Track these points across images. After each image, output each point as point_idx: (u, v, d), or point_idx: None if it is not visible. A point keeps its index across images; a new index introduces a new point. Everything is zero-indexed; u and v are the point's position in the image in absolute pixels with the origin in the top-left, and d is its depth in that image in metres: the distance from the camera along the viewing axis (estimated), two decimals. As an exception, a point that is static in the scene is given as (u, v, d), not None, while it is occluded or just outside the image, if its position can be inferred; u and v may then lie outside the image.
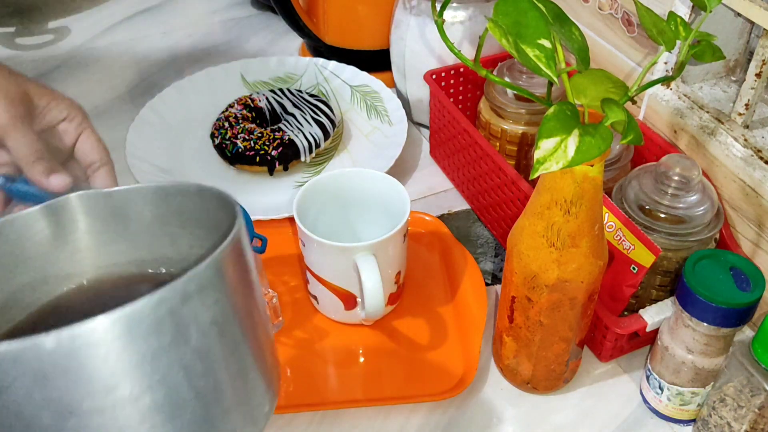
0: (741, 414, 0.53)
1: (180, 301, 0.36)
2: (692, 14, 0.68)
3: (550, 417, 0.62)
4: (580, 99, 0.48)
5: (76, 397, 0.34)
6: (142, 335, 0.35)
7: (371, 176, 0.68)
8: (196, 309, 0.36)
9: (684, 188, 0.62)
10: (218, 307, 0.38)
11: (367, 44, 0.95)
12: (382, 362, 0.66)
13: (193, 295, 0.36)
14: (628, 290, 0.62)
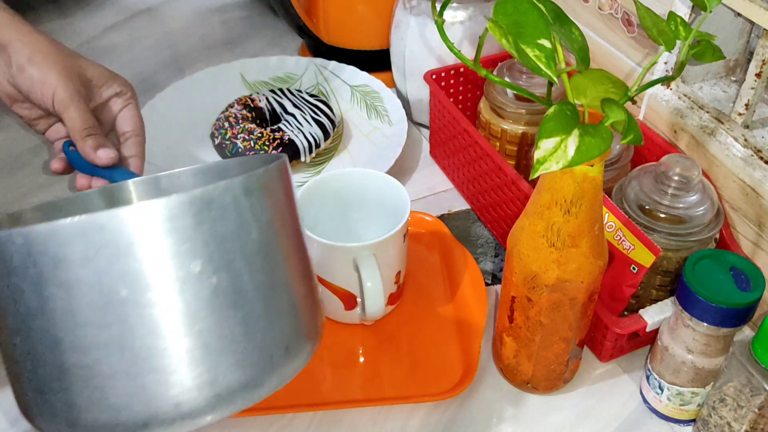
0: (741, 414, 0.53)
1: (242, 193, 0.39)
2: (692, 14, 0.68)
3: (550, 417, 0.62)
4: (580, 99, 0.48)
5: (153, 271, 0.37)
6: (211, 217, 0.38)
7: (371, 176, 0.68)
8: (256, 205, 0.40)
9: (684, 188, 0.62)
10: (274, 212, 0.42)
11: (367, 44, 0.95)
12: (382, 362, 0.66)
13: (253, 191, 0.40)
14: (628, 290, 0.62)
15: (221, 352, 0.39)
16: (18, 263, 0.37)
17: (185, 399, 0.39)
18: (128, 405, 0.38)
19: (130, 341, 0.38)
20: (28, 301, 0.38)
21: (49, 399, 0.39)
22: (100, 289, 0.37)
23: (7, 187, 0.83)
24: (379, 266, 0.60)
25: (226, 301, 0.39)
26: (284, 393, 0.62)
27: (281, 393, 0.62)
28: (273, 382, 0.42)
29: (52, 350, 0.38)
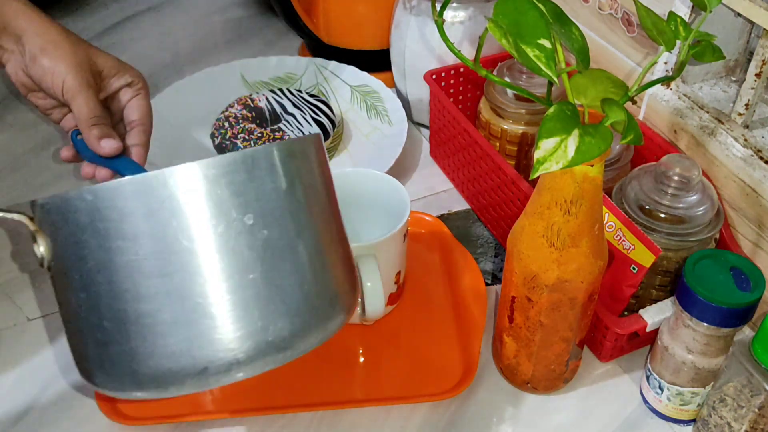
0: (741, 414, 0.53)
1: (287, 155, 0.43)
2: (692, 14, 0.68)
3: (550, 417, 0.62)
4: (580, 99, 0.48)
5: (211, 223, 0.40)
6: (261, 175, 0.42)
7: (371, 176, 0.68)
8: (299, 168, 0.44)
9: (684, 188, 0.62)
10: (315, 177, 0.45)
11: (367, 44, 0.95)
12: (382, 362, 0.66)
13: (296, 154, 0.44)
14: (628, 290, 0.62)
15: (272, 301, 0.42)
16: (86, 220, 0.41)
17: (240, 346, 0.41)
18: (188, 351, 0.41)
19: (190, 289, 0.40)
20: (96, 255, 0.41)
21: (112, 351, 0.41)
22: (163, 240, 0.40)
23: (7, 186, 0.83)
24: (379, 266, 0.60)
25: (276, 254, 0.42)
26: (284, 393, 0.63)
27: (281, 393, 0.63)
28: (319, 334, 0.44)
29: (117, 302, 0.41)
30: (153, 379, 0.41)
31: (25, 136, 0.90)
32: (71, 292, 0.43)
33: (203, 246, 0.40)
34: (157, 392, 0.42)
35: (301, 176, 0.44)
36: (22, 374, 0.65)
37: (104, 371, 0.43)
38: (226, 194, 0.41)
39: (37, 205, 0.43)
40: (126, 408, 0.61)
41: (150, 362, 0.41)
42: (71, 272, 0.42)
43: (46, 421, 0.61)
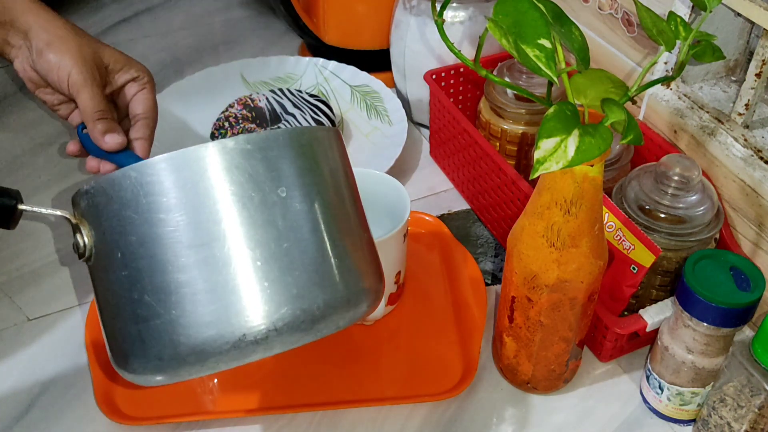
0: (741, 414, 0.53)
1: (311, 139, 0.47)
2: (692, 14, 0.68)
3: (550, 417, 0.62)
4: (580, 99, 0.48)
5: (248, 194, 0.43)
6: (293, 153, 0.45)
7: (371, 176, 0.68)
8: (326, 152, 0.47)
9: (684, 188, 0.62)
10: (340, 163, 0.48)
11: (367, 44, 0.95)
12: (382, 362, 0.66)
13: (322, 140, 0.47)
14: (628, 290, 0.62)
15: (306, 270, 0.44)
16: (130, 196, 0.43)
17: (277, 311, 0.43)
18: (226, 319, 0.42)
19: (227, 257, 0.42)
20: (139, 230, 0.43)
21: (153, 325, 0.43)
22: (202, 211, 0.42)
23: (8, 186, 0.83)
24: (379, 266, 0.60)
25: (309, 226, 0.44)
26: (284, 393, 0.63)
27: (281, 393, 0.63)
28: (350, 311, 0.46)
29: (158, 274, 0.43)
30: (193, 349, 0.43)
31: (25, 136, 0.90)
32: (112, 273, 0.44)
33: (240, 216, 0.43)
34: (198, 365, 0.43)
35: (327, 160, 0.47)
36: (22, 374, 0.65)
37: (143, 351, 0.44)
38: (260, 168, 0.44)
39: (81, 193, 0.46)
40: (126, 408, 0.61)
41: (190, 331, 0.42)
42: (114, 251, 0.44)
43: (46, 421, 0.61)
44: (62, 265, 0.74)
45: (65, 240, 0.77)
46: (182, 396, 0.63)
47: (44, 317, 0.70)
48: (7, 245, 0.77)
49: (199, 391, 0.63)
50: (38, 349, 0.67)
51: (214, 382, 0.64)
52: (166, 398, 0.62)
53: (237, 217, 0.43)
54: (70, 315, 0.70)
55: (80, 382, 0.64)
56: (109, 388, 0.62)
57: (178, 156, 0.43)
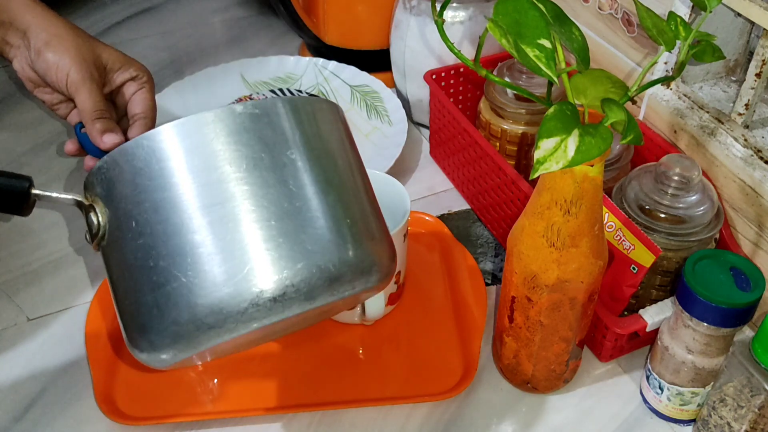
0: (741, 414, 0.53)
1: (316, 109, 0.48)
2: (692, 14, 0.68)
3: (550, 417, 0.62)
4: (580, 99, 0.48)
5: (258, 155, 0.44)
6: (300, 119, 0.46)
7: (371, 176, 0.67)
8: (330, 122, 0.49)
9: (684, 188, 0.62)
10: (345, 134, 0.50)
11: (367, 44, 0.95)
12: (382, 362, 0.66)
13: (327, 111, 0.49)
14: (628, 290, 0.62)
15: (320, 229, 0.45)
16: (143, 164, 0.44)
17: (293, 267, 0.43)
18: (243, 276, 0.43)
19: (241, 216, 0.43)
20: (152, 197, 0.44)
21: (170, 289, 0.43)
22: (215, 172, 0.44)
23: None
24: (379, 266, 0.60)
25: (320, 188, 0.46)
26: (284, 393, 0.63)
27: (281, 393, 0.63)
28: (363, 277, 0.46)
29: (173, 238, 0.43)
30: (211, 309, 0.43)
31: (25, 136, 0.90)
32: (126, 245, 0.45)
33: (251, 176, 0.44)
34: (216, 329, 0.43)
35: (333, 130, 0.49)
36: (22, 374, 0.65)
37: (160, 318, 0.44)
38: (269, 131, 0.45)
39: (93, 172, 0.47)
40: (126, 408, 0.61)
41: (206, 291, 0.43)
42: (128, 221, 0.45)
43: (46, 421, 0.61)
44: (62, 265, 0.74)
45: (65, 240, 0.77)
46: (182, 396, 0.63)
47: (44, 317, 0.70)
48: (7, 245, 0.77)
49: (200, 391, 0.63)
50: (38, 349, 0.67)
51: (214, 382, 0.64)
52: (166, 398, 0.62)
53: (249, 177, 0.44)
54: (70, 315, 0.70)
55: (80, 382, 0.64)
56: (109, 388, 0.62)
57: (188, 121, 0.44)
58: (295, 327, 0.53)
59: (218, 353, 0.50)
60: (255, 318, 0.43)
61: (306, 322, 0.54)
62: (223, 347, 0.47)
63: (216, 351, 0.48)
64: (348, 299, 0.48)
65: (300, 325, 0.54)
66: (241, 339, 0.46)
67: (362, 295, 0.50)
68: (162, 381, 0.64)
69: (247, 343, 0.51)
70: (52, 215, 0.80)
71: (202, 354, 0.47)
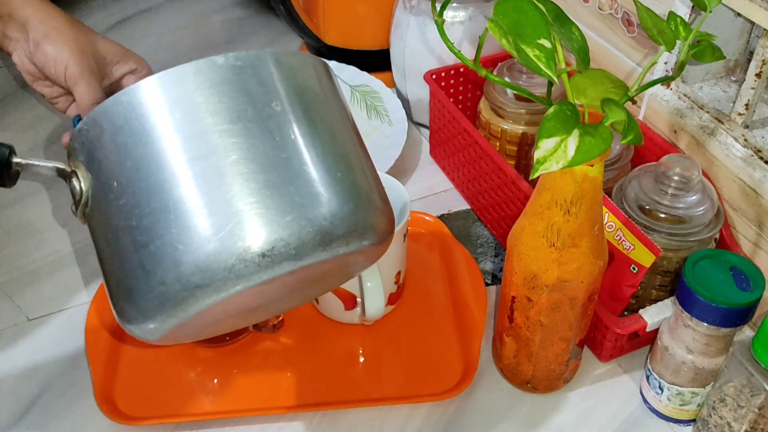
0: (741, 414, 0.53)
1: (302, 63, 0.47)
2: (692, 14, 0.68)
3: (550, 417, 0.62)
4: (580, 99, 0.48)
5: (242, 106, 0.43)
6: (284, 73, 0.45)
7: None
8: (318, 77, 0.48)
9: (684, 188, 0.62)
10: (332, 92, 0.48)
11: (367, 44, 0.95)
12: (382, 362, 0.66)
13: (313, 66, 0.48)
14: (628, 290, 0.62)
15: (309, 182, 0.43)
16: (123, 121, 0.43)
17: (281, 220, 0.42)
18: (230, 231, 0.41)
19: (225, 168, 0.42)
20: (134, 154, 0.42)
21: (154, 247, 0.42)
22: (197, 125, 0.42)
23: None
24: (379, 266, 0.60)
25: (307, 140, 0.44)
26: (284, 393, 0.63)
27: (281, 393, 0.63)
28: (356, 235, 0.44)
29: (156, 194, 0.42)
30: (197, 266, 0.41)
31: (25, 136, 0.90)
32: (109, 207, 0.44)
33: (235, 127, 0.42)
34: (203, 288, 0.42)
35: (321, 85, 0.47)
36: (22, 374, 0.65)
37: (146, 279, 0.42)
38: (252, 83, 0.44)
39: (74, 136, 0.45)
40: (126, 408, 0.61)
41: (192, 247, 0.41)
42: (109, 183, 0.43)
43: (46, 421, 0.61)
44: (62, 265, 0.74)
45: (65, 240, 0.77)
46: (182, 396, 0.63)
47: (44, 317, 0.70)
48: (7, 245, 0.77)
49: (199, 391, 0.63)
50: (38, 349, 0.67)
51: (214, 382, 0.64)
52: (166, 398, 0.62)
53: (232, 129, 0.42)
54: (70, 315, 0.70)
55: (80, 382, 0.64)
56: (109, 388, 0.62)
57: (168, 74, 0.43)
58: (289, 300, 0.51)
59: (212, 326, 0.48)
60: (243, 275, 0.41)
61: (301, 295, 0.52)
62: (214, 315, 0.45)
63: (208, 320, 0.45)
64: (342, 264, 0.46)
65: (295, 299, 0.52)
66: (231, 304, 0.44)
67: (357, 259, 0.48)
68: (162, 381, 0.64)
69: (240, 315, 0.49)
70: (53, 215, 0.80)
71: (195, 325, 0.45)
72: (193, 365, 0.65)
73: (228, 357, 0.65)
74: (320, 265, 0.44)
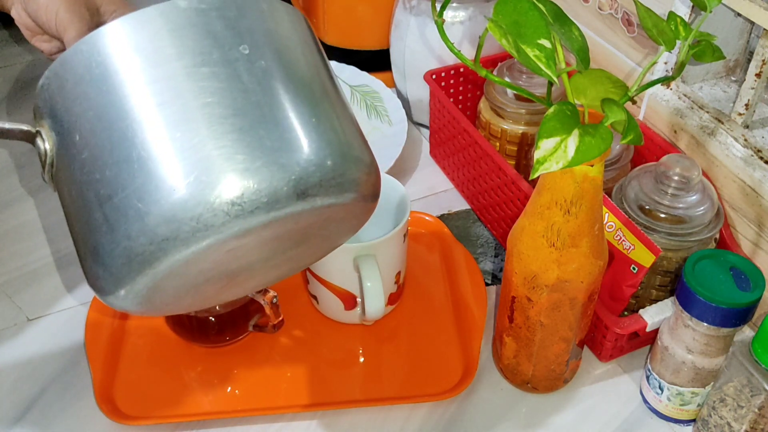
0: (741, 414, 0.53)
1: (273, 8, 0.44)
2: (692, 14, 0.68)
3: (550, 417, 0.62)
4: (580, 99, 0.48)
5: (207, 48, 0.41)
6: (252, 15, 0.43)
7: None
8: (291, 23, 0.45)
9: (684, 188, 0.62)
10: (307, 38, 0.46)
11: (367, 44, 0.95)
12: (382, 362, 0.66)
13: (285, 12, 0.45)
14: (628, 290, 0.62)
15: (280, 126, 0.41)
16: (84, 70, 0.41)
17: (251, 165, 0.39)
18: (197, 176, 0.39)
19: (192, 112, 0.40)
20: (95, 103, 0.41)
21: (117, 201, 0.40)
22: (160, 68, 0.40)
23: (7, 187, 0.83)
24: (379, 266, 0.60)
25: (279, 84, 0.42)
26: (284, 393, 0.63)
27: (281, 393, 0.63)
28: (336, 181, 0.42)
29: (118, 144, 0.40)
30: (163, 217, 0.39)
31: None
32: (73, 163, 0.42)
33: (199, 71, 0.40)
34: (172, 240, 0.39)
35: (294, 32, 0.45)
36: (22, 374, 0.65)
37: (111, 235, 0.40)
38: (218, 26, 0.42)
39: (36, 93, 0.44)
40: (126, 408, 0.61)
41: (157, 196, 0.39)
42: (72, 137, 0.42)
43: (46, 421, 0.61)
44: (62, 266, 0.74)
45: (65, 240, 0.77)
46: (182, 396, 0.63)
47: (44, 317, 0.70)
48: (7, 245, 0.77)
49: (199, 391, 0.63)
50: (38, 349, 0.67)
51: (214, 382, 0.64)
52: (166, 398, 0.62)
53: (197, 72, 0.40)
54: (70, 315, 0.70)
55: (80, 382, 0.64)
56: (109, 387, 0.63)
57: (128, 19, 0.41)
58: (272, 266, 0.48)
59: (192, 292, 0.45)
60: (212, 225, 0.39)
61: (284, 261, 0.49)
62: (190, 277, 0.42)
63: (185, 283, 0.43)
64: (323, 223, 0.44)
65: (278, 265, 0.49)
66: (206, 263, 0.42)
67: (338, 218, 0.45)
68: (162, 381, 0.64)
69: (221, 281, 0.46)
70: (52, 215, 0.80)
71: (172, 290, 0.43)
72: (193, 365, 0.65)
73: (228, 357, 0.65)
74: (296, 219, 0.42)
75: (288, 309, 0.68)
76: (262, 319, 0.65)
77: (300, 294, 0.70)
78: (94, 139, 0.40)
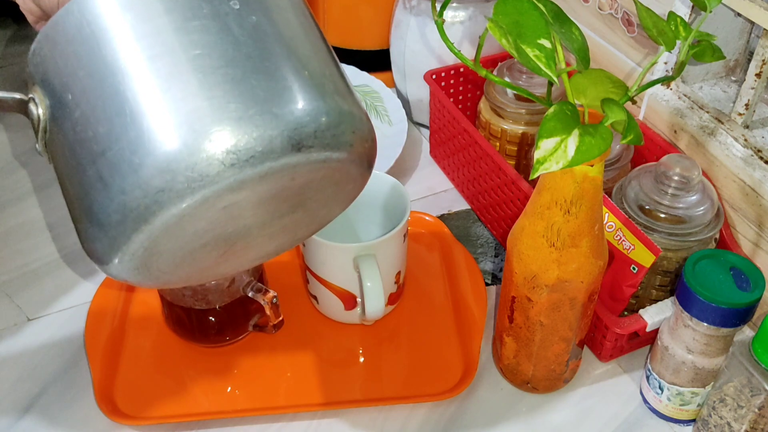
0: (741, 414, 0.53)
1: None
2: (692, 14, 0.68)
3: (550, 417, 0.62)
4: (580, 99, 0.48)
5: (195, 3, 0.41)
6: None
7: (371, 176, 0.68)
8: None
9: (684, 188, 0.62)
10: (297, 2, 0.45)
11: (367, 44, 0.95)
12: (382, 362, 0.66)
13: None
14: (628, 290, 0.62)
15: (273, 78, 0.40)
16: (75, 30, 0.41)
17: (245, 114, 0.39)
18: (191, 126, 0.39)
19: (184, 64, 0.40)
20: (86, 62, 0.41)
21: (110, 156, 0.40)
22: (149, 25, 0.40)
23: (7, 186, 0.83)
24: (379, 266, 0.60)
25: (270, 38, 0.42)
26: (284, 393, 0.63)
27: (281, 393, 0.63)
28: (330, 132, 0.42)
29: (110, 99, 0.40)
30: (158, 169, 0.39)
31: (25, 136, 0.90)
32: (65, 122, 0.42)
33: (190, 24, 0.40)
34: (167, 193, 0.39)
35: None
36: (22, 374, 0.65)
37: (106, 191, 0.40)
38: None
39: (28, 59, 0.44)
40: (126, 408, 0.61)
41: (151, 148, 0.39)
42: (64, 97, 0.42)
43: (46, 421, 0.61)
44: (62, 265, 0.74)
45: (65, 240, 0.77)
46: (182, 396, 0.63)
47: (44, 317, 0.70)
48: (7, 245, 0.77)
49: (199, 391, 0.63)
50: (38, 349, 0.67)
51: (214, 382, 0.64)
52: (166, 398, 0.62)
53: (187, 26, 0.40)
54: (70, 315, 0.70)
55: (80, 382, 0.64)
56: (109, 387, 0.63)
57: None
58: (269, 233, 0.48)
59: (189, 258, 0.45)
60: (207, 176, 0.39)
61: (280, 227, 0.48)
62: (187, 237, 0.42)
63: (182, 245, 0.43)
64: (320, 183, 0.44)
65: (276, 232, 0.48)
66: (203, 221, 0.41)
67: (336, 180, 0.45)
68: (162, 381, 0.64)
69: (219, 247, 0.45)
70: (52, 215, 0.80)
71: (169, 253, 0.42)
72: (193, 365, 0.65)
73: (228, 357, 0.65)
74: (292, 174, 0.41)
75: (288, 309, 0.69)
76: (262, 319, 0.65)
77: (300, 294, 0.70)
78: (86, 97, 0.40)
